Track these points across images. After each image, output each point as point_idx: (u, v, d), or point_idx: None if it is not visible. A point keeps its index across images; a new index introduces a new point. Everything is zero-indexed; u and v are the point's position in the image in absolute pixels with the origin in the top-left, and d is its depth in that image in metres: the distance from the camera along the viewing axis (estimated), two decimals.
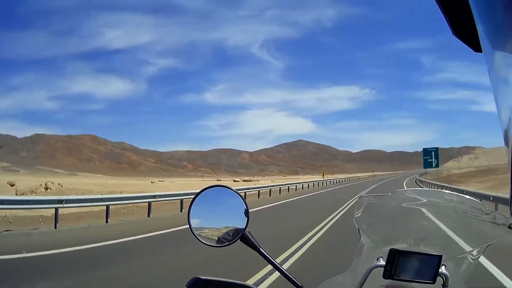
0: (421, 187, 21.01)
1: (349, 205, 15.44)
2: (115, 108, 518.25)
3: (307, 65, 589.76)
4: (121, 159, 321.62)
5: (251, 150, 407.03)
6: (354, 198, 16.44)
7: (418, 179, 44.36)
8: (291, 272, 1.07)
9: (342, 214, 13.05)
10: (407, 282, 0.99)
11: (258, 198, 22.07)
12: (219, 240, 1.07)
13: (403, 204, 1.17)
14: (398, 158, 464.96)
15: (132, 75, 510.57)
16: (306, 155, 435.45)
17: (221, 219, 1.09)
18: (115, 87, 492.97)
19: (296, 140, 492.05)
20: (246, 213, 1.07)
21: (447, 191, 1.22)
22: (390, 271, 0.97)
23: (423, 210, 1.15)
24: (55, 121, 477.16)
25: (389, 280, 0.98)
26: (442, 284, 0.99)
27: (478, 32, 0.46)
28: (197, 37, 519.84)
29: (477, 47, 0.51)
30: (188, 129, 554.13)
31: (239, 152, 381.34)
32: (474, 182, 40.80)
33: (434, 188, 5.79)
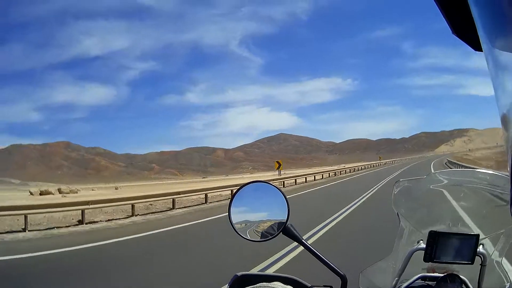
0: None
1: None
2: (97, 115, 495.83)
3: (287, 59, 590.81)
4: (90, 165, 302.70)
5: (229, 147, 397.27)
6: None
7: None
8: (333, 263, 1.07)
9: None
10: (447, 264, 1.00)
11: None
12: (262, 235, 1.07)
13: (438, 186, 1.17)
14: (384, 146, 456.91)
15: (113, 80, 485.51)
16: (287, 149, 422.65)
17: (262, 213, 1.09)
18: (96, 93, 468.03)
19: (277, 134, 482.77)
20: (287, 205, 1.07)
21: (480, 170, 1.23)
22: (430, 254, 0.97)
23: (460, 190, 1.16)
24: (39, 131, 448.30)
25: (430, 263, 1.00)
26: (480, 264, 0.99)
27: (477, 31, 0.45)
28: (174, 38, 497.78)
29: (477, 46, 0.50)
30: (171, 130, 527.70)
31: (214, 150, 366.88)
32: None
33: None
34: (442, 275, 1.00)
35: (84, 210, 11.15)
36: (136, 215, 12.56)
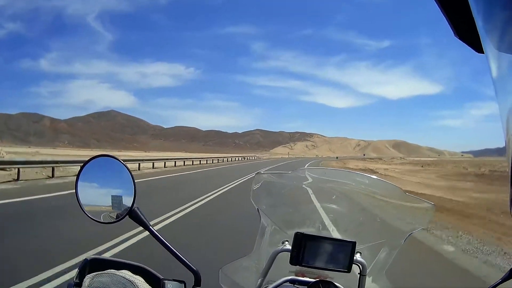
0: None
1: None
2: None
3: (136, 40, 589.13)
4: None
5: (60, 118, 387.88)
6: None
7: None
8: (184, 255, 0.93)
9: None
10: (319, 270, 0.93)
11: None
12: (108, 216, 0.96)
13: (306, 184, 1.10)
14: (214, 138, 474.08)
15: None
16: (114, 126, 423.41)
17: (109, 193, 0.97)
18: None
19: (108, 110, 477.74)
20: (133, 186, 0.96)
21: (358, 172, 1.13)
22: (297, 257, 0.91)
23: (332, 191, 1.07)
24: None
25: (298, 266, 0.93)
26: (359, 273, 0.95)
27: (479, 33, 0.45)
28: (41, 3, 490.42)
29: (479, 48, 0.50)
30: (21, 94, 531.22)
31: (42, 118, 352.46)
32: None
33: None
34: (313, 280, 0.93)
35: None
36: None
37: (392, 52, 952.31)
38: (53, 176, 15.08)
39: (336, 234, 0.98)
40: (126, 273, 0.83)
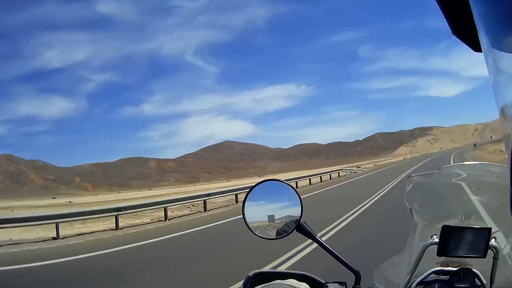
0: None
1: None
2: (58, 128, 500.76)
3: (242, 67, 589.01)
4: (19, 179, 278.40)
5: (169, 158, 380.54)
6: None
7: None
8: (347, 258, 1.06)
9: None
10: (461, 258, 1.00)
11: None
12: (277, 233, 1.06)
13: (452, 180, 1.18)
14: (335, 150, 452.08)
15: (73, 92, 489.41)
16: (230, 157, 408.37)
17: (275, 211, 1.08)
18: (57, 106, 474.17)
19: (222, 142, 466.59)
20: (300, 203, 1.07)
21: (491, 163, 1.22)
22: (443, 248, 0.97)
23: (471, 183, 1.16)
24: (5, 145, 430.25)
25: (443, 257, 1.00)
26: (492, 257, 0.99)
27: (477, 31, 0.46)
28: (132, 49, 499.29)
29: (477, 47, 0.51)
30: (128, 141, 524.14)
31: (147, 160, 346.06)
32: None
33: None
34: (455, 269, 1.00)
35: None
36: None
37: None
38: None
39: (476, 223, 1.04)
40: (292, 282, 0.89)
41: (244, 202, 1.08)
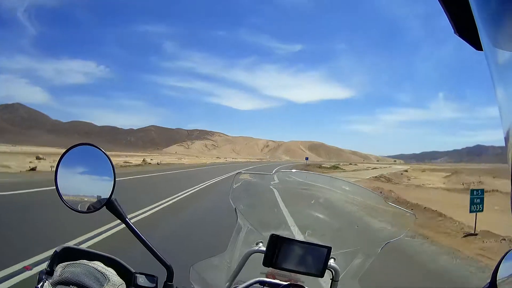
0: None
1: None
2: None
3: (58, 35, 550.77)
4: None
5: None
6: None
7: None
8: (159, 250, 0.93)
9: None
10: (291, 273, 0.92)
11: None
12: (86, 206, 0.94)
13: (285, 187, 1.10)
14: (107, 135, 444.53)
15: None
16: (14, 119, 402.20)
17: (88, 183, 0.96)
18: None
19: (14, 103, 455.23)
20: (113, 177, 0.94)
21: (340, 179, 1.12)
22: (271, 259, 0.90)
23: (311, 196, 1.07)
24: None
25: (270, 268, 0.92)
26: (331, 278, 0.94)
27: (478, 30, 0.46)
28: None
29: (478, 46, 0.51)
30: None
31: None
32: None
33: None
34: (285, 283, 0.91)
35: None
36: None
37: (304, 56, 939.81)
38: None
39: (312, 239, 0.97)
40: (98, 265, 0.82)
41: (57, 166, 0.93)
